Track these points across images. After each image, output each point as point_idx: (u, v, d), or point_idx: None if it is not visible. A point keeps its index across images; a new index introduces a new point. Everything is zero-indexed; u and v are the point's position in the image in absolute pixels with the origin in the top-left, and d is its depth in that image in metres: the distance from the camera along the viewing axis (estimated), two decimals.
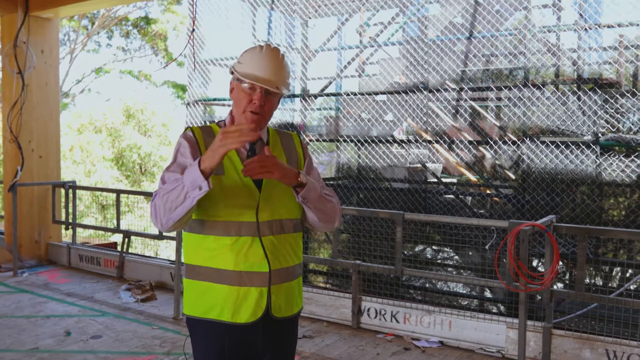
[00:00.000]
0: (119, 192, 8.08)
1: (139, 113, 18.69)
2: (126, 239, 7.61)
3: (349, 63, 7.98)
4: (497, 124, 7.33)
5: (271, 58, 2.21)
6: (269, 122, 2.36)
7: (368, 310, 5.60)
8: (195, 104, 9.09)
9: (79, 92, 24.57)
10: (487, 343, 5.01)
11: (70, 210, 8.23)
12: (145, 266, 7.31)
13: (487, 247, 6.23)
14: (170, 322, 5.72)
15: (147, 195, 10.40)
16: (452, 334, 5.17)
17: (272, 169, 2.01)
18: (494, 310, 6.86)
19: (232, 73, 2.29)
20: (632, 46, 5.81)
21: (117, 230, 7.80)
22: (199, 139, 2.22)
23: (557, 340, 4.66)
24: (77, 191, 8.35)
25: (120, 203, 8.09)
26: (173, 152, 2.25)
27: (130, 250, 8.57)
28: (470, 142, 6.84)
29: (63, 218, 8.49)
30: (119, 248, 9.54)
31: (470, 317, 5.11)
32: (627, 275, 7.21)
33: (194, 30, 4.33)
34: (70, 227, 8.30)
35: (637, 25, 5.67)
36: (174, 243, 11.86)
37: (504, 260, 6.60)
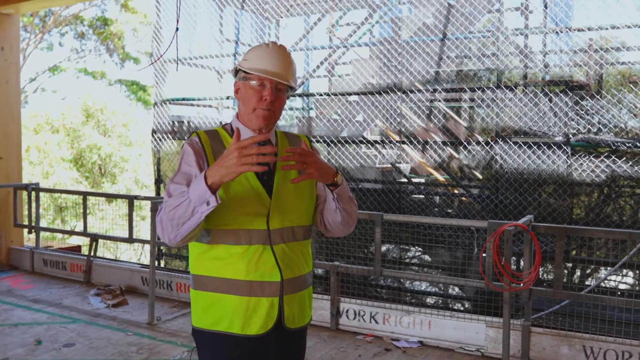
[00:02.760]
0: (85, 194, 7.84)
1: (99, 113, 18.21)
2: (93, 243, 7.38)
3: (321, 63, 7.94)
4: (469, 125, 7.43)
5: (279, 53, 2.14)
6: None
7: (347, 311, 5.59)
8: (163, 104, 8.92)
9: (32, 91, 23.83)
10: (466, 342, 5.05)
11: (34, 213, 7.94)
12: (114, 270, 7.11)
13: (475, 253, 6.29)
14: (145, 328, 5.57)
15: (114, 197, 10.15)
16: (432, 334, 5.20)
17: (311, 165, 1.96)
18: (460, 308, 6.96)
19: (235, 73, 2.21)
20: (601, 49, 5.97)
21: (84, 233, 7.55)
22: (205, 145, 2.12)
23: (535, 338, 4.74)
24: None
25: (82, 205, 7.82)
26: (178, 161, 2.15)
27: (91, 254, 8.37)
28: (444, 143, 6.91)
29: (24, 221, 8.20)
30: (82, 251, 9.30)
31: (450, 316, 5.15)
32: (588, 271, 7.42)
33: (177, 29, 4.21)
34: (33, 230, 8.00)
35: (606, 29, 5.83)
36: (136, 245, 11.55)
37: (467, 260, 6.72)
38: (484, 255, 4.58)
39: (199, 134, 2.16)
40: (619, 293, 5.90)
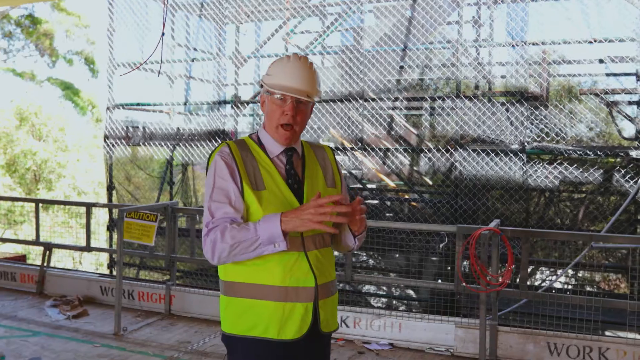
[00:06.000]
0: (37, 201, 7.53)
1: (33, 116, 17.42)
2: (47, 252, 7.09)
3: None
4: (428, 133, 7.67)
5: (299, 67, 2.19)
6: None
7: None
8: (116, 108, 8.71)
9: None
10: (436, 343, 5.21)
11: None
12: (69, 280, 6.86)
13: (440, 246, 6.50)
14: (112, 339, 5.42)
15: (71, 204, 9.78)
16: (402, 336, 5.33)
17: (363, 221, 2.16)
18: (412, 310, 7.17)
19: (261, 86, 2.25)
20: (553, 62, 6.34)
21: (37, 242, 7.25)
22: (236, 155, 2.15)
23: (502, 336, 4.96)
24: None
25: (15, 212, 7.57)
26: (210, 174, 2.15)
27: (28, 262, 8.08)
28: (405, 150, 7.10)
29: None
30: (29, 261, 8.91)
31: (420, 318, 5.30)
32: (530, 270, 7.79)
33: (163, 34, 4.13)
34: None
35: (559, 44, 6.20)
36: (75, 253, 11.16)
37: (425, 263, 6.92)
38: (443, 257, 4.77)
39: (229, 144, 2.19)
40: (568, 292, 6.26)
